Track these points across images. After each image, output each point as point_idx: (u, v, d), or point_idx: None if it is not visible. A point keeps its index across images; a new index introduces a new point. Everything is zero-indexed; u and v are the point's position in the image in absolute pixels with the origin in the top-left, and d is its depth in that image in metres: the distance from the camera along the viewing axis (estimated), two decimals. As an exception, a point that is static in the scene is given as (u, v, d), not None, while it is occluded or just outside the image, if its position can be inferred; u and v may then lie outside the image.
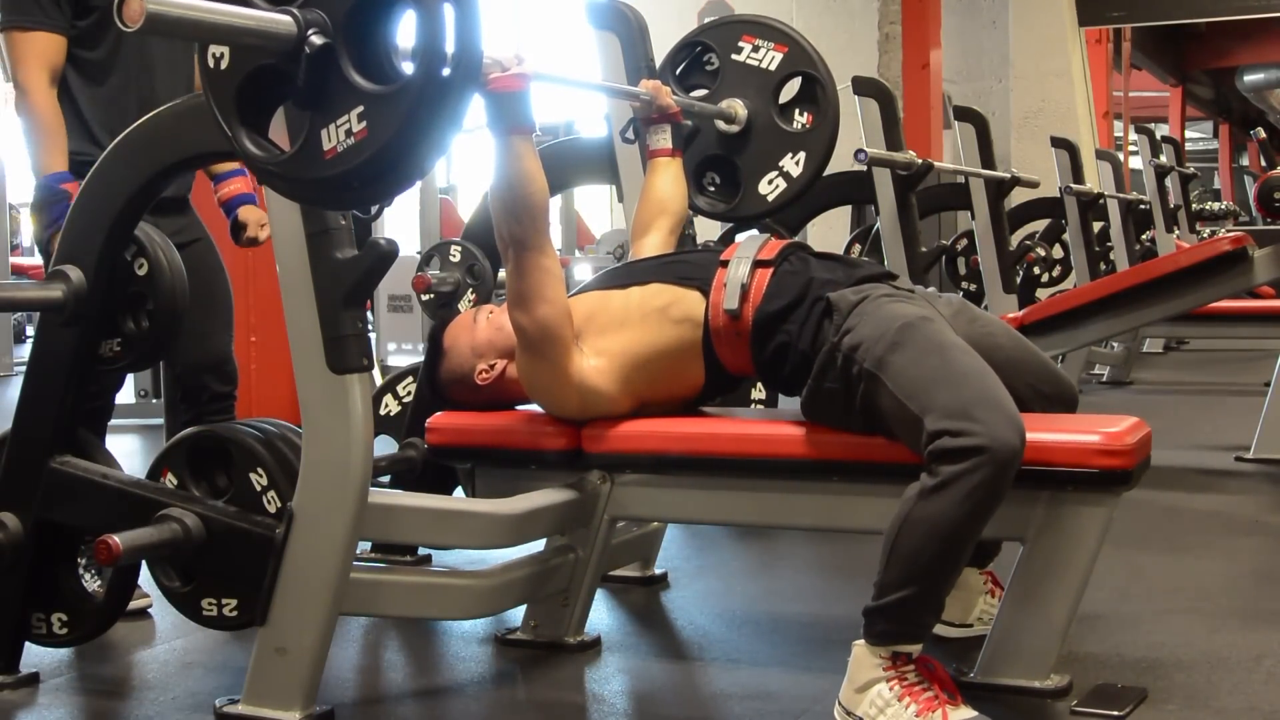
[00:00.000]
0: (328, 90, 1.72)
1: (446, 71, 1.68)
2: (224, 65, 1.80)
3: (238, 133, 1.81)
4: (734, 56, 3.07)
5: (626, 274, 2.57)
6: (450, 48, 1.68)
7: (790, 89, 3.08)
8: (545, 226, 2.38)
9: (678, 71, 3.13)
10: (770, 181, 3.05)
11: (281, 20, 1.70)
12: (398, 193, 1.86)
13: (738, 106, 3.05)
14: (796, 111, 3.07)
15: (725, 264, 2.43)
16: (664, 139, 2.82)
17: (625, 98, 2.88)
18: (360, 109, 1.70)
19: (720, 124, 3.05)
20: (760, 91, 3.05)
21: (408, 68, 1.68)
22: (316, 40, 1.70)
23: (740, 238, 2.82)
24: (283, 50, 1.71)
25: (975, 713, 2.04)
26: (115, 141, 2.31)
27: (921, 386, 2.11)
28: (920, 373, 2.13)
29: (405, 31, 1.71)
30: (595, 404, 2.44)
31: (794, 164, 3.03)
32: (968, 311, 2.47)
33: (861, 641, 2.09)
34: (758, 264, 2.41)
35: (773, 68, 3.04)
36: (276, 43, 1.71)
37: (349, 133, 1.71)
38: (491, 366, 2.56)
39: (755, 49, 3.05)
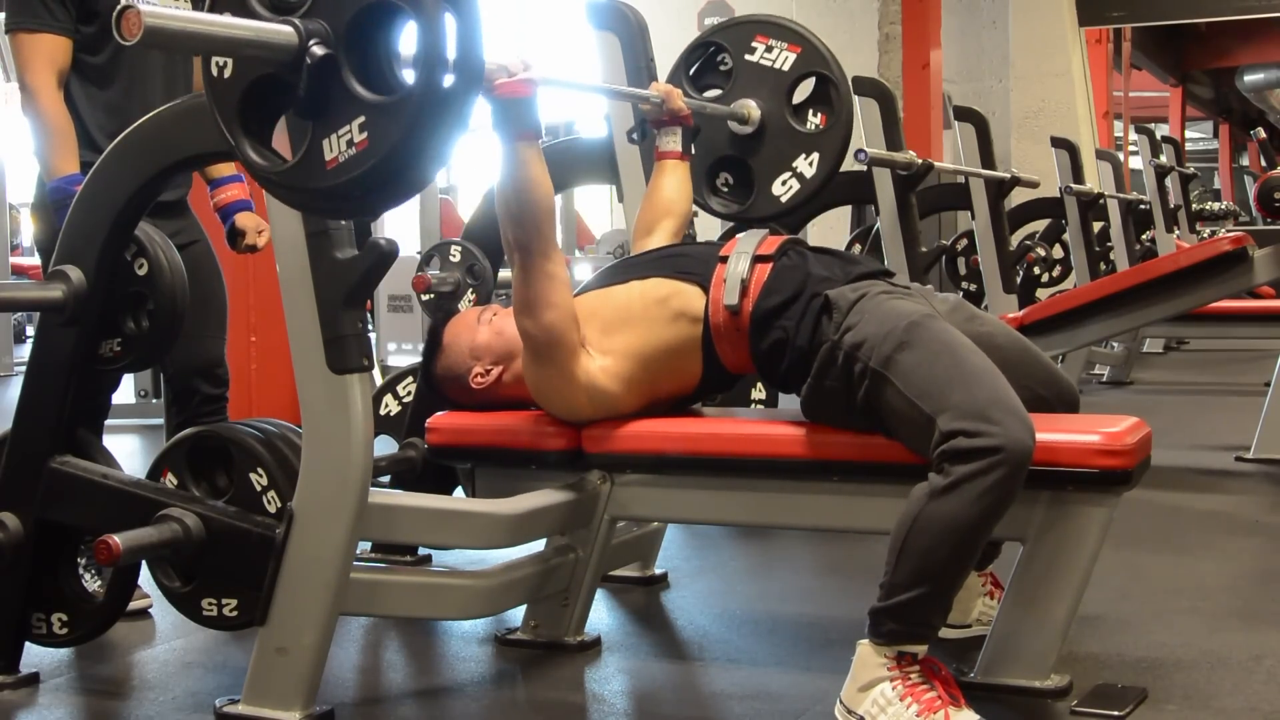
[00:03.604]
0: (329, 100, 1.72)
1: (448, 81, 1.67)
2: (227, 74, 1.80)
3: (241, 142, 1.81)
4: (747, 57, 3.05)
5: (626, 269, 2.57)
6: (452, 56, 1.67)
7: (803, 89, 3.07)
8: (551, 232, 2.37)
9: (691, 72, 3.12)
10: (784, 183, 3.04)
11: (283, 31, 1.70)
12: (398, 203, 1.85)
13: (751, 107, 3.03)
14: (810, 112, 3.06)
15: (725, 259, 2.43)
16: (674, 141, 2.81)
17: (635, 100, 2.87)
18: (361, 119, 1.70)
19: (733, 125, 3.05)
20: (774, 92, 3.04)
21: (409, 76, 1.67)
22: (318, 51, 1.70)
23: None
24: (284, 61, 1.71)
25: (978, 716, 2.04)
26: (115, 142, 2.31)
27: (935, 386, 2.10)
28: (933, 372, 2.12)
29: (407, 40, 1.70)
30: (603, 404, 2.43)
31: (807, 165, 3.03)
32: (964, 310, 2.46)
33: (866, 641, 2.09)
34: (757, 259, 2.41)
35: (786, 68, 3.03)
36: (278, 54, 1.70)
37: (350, 143, 1.71)
38: (488, 371, 2.56)
39: (769, 49, 3.04)
